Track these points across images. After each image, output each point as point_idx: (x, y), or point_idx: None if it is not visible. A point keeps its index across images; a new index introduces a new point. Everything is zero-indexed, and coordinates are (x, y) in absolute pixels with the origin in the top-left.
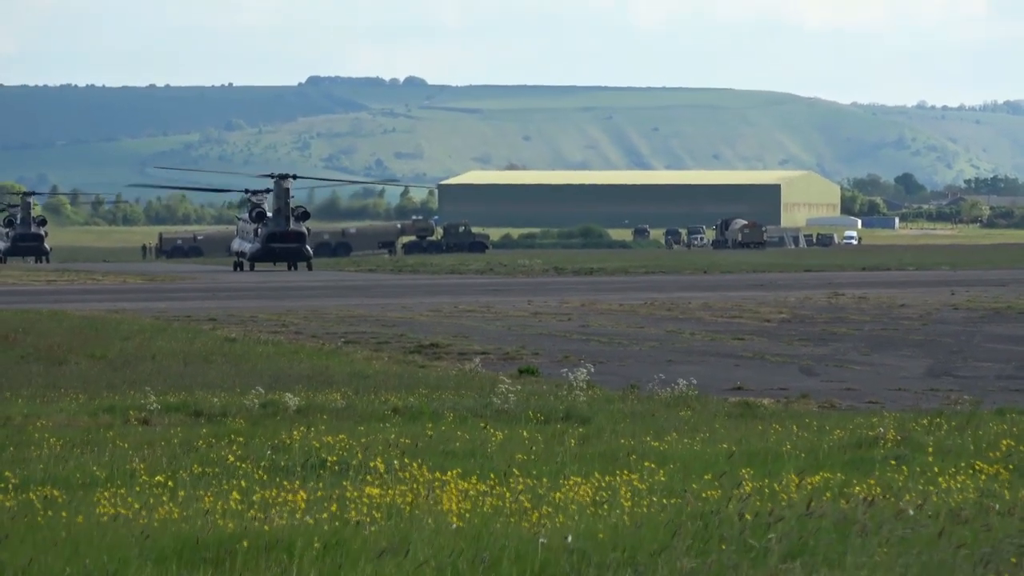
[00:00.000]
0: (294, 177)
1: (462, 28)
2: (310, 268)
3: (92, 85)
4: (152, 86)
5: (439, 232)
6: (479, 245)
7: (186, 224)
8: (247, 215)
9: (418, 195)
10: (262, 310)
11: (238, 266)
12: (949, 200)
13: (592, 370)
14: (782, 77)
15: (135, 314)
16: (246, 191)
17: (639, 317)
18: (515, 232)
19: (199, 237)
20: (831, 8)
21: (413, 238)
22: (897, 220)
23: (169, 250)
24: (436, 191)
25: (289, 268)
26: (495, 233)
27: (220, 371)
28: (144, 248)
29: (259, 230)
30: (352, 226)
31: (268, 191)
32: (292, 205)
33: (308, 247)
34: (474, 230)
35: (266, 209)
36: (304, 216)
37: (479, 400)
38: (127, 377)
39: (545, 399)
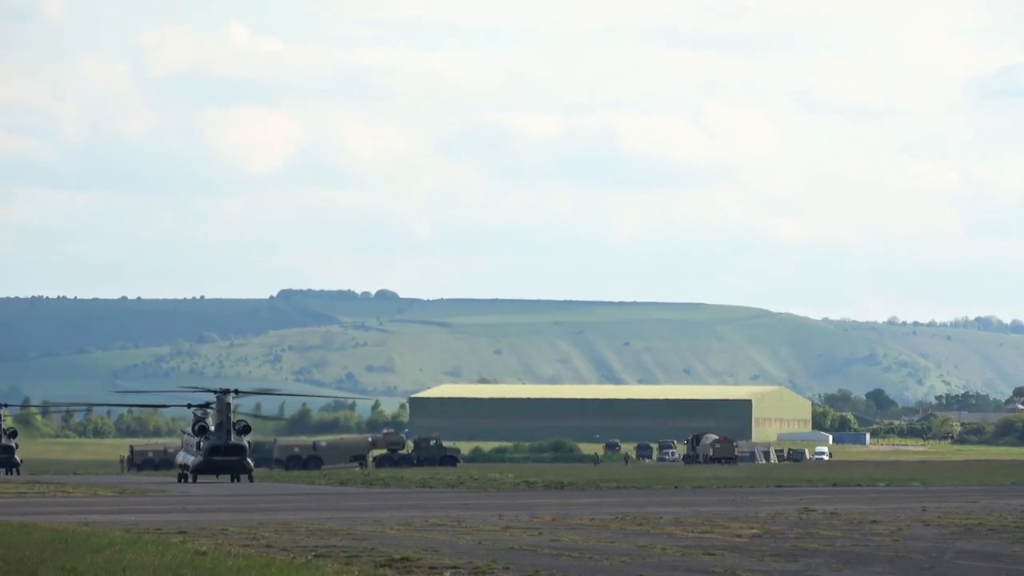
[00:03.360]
0: (236, 392)
1: (433, 242)
2: (251, 480)
3: (63, 297)
4: (124, 298)
5: (410, 445)
6: (450, 459)
7: (157, 437)
8: (191, 429)
9: (390, 408)
10: (233, 523)
11: (182, 478)
12: (920, 416)
13: None
14: (754, 292)
15: (105, 527)
16: (188, 405)
17: (610, 532)
18: (486, 446)
19: (170, 450)
20: (804, 224)
21: (384, 451)
22: (868, 436)
23: (140, 463)
24: (407, 404)
25: (232, 480)
26: (466, 447)
27: None
28: (122, 460)
29: (201, 443)
30: (323, 439)
31: (211, 405)
32: (234, 419)
33: (249, 460)
34: (445, 444)
35: (209, 423)
36: (245, 430)
37: None
38: None
39: None
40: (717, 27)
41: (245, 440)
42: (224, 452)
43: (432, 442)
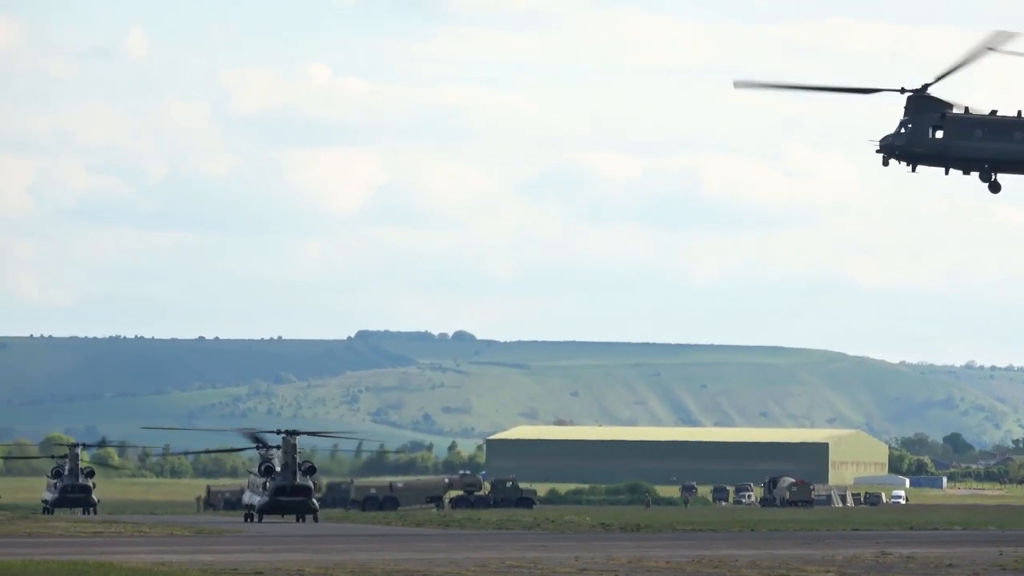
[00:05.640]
0: (301, 433)
1: (511, 283)
2: (316, 520)
3: (141, 337)
4: (201, 339)
5: (487, 487)
6: (526, 501)
7: (234, 477)
8: (257, 469)
9: (466, 449)
10: (309, 563)
11: (248, 518)
12: (997, 460)
13: None
14: (831, 336)
15: (182, 567)
16: (257, 447)
17: (686, 574)
18: (562, 488)
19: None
20: (881, 267)
21: (460, 493)
22: (945, 480)
23: (217, 503)
24: (484, 446)
25: (298, 520)
26: (542, 488)
27: None
28: (198, 500)
29: (267, 484)
30: (399, 480)
31: (277, 447)
32: (299, 460)
33: (314, 501)
34: (521, 485)
35: (275, 464)
36: (311, 471)
37: None
38: None
39: None
40: (797, 68)
41: (310, 481)
42: (290, 493)
43: (509, 484)
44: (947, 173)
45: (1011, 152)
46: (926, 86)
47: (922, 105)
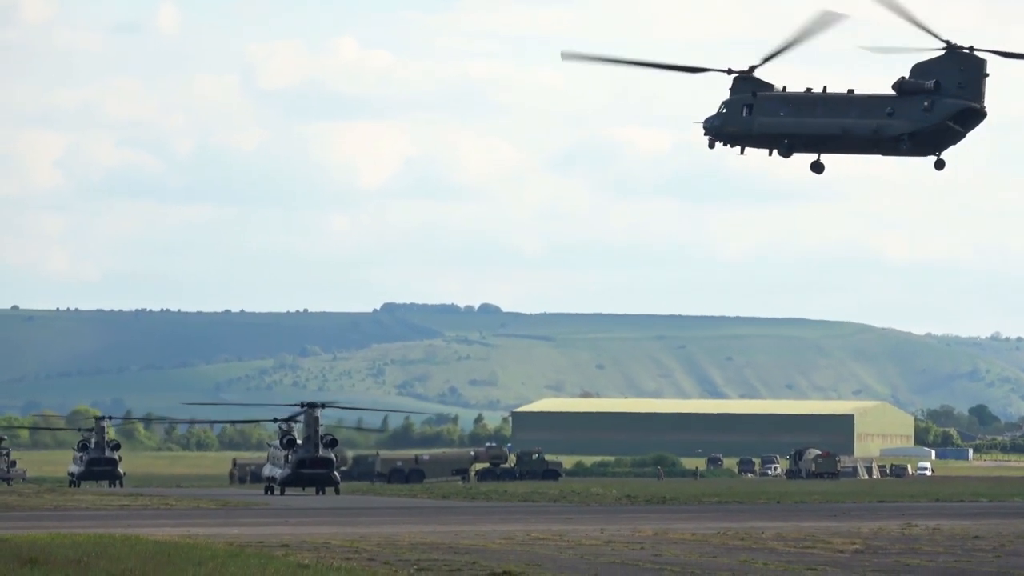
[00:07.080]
0: (323, 406)
1: (537, 256)
2: (337, 493)
3: (167, 310)
4: (227, 311)
5: (513, 459)
6: (552, 473)
7: (260, 450)
8: (278, 442)
9: (492, 422)
10: (335, 536)
11: (269, 490)
12: (1023, 432)
13: None
14: (857, 308)
15: (208, 539)
16: (275, 419)
17: (712, 547)
18: (588, 460)
19: None
20: (907, 239)
21: (486, 465)
22: (971, 451)
23: (244, 476)
24: (510, 418)
25: (317, 492)
26: (568, 461)
27: None
28: (231, 473)
29: (289, 456)
30: (425, 453)
31: (297, 419)
32: (321, 433)
33: (336, 473)
34: (547, 458)
35: (296, 437)
36: (332, 443)
37: None
38: None
39: None
40: (825, 40)
41: (332, 453)
42: (311, 465)
43: (534, 456)
44: (771, 154)
45: (811, 126)
46: (753, 67)
47: (742, 86)
